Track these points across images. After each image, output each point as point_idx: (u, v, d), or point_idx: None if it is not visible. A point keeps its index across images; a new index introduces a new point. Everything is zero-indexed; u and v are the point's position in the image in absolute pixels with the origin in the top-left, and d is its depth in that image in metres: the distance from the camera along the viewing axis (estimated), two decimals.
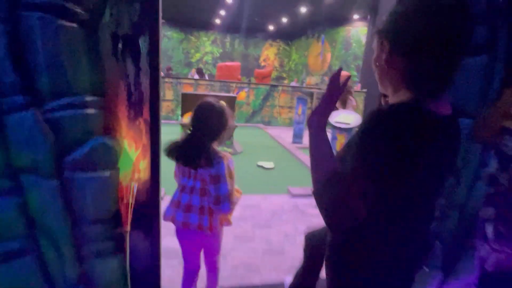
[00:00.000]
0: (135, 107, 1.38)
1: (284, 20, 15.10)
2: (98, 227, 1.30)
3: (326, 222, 0.69)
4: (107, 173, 1.27)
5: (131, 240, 1.56)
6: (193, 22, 16.96)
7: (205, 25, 17.34)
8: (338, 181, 0.67)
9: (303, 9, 12.64)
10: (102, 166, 1.26)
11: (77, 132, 1.17)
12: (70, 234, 1.22)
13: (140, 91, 1.37)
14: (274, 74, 17.45)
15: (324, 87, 8.71)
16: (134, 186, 1.48)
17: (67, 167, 1.17)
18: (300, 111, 6.20)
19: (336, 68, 13.77)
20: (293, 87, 8.96)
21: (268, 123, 8.63)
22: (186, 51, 17.95)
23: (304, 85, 15.31)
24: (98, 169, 1.25)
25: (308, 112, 6.37)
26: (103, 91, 1.30)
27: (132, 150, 1.44)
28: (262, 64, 18.65)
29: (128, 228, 1.52)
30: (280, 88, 8.65)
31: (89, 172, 1.22)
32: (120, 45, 1.30)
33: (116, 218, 1.44)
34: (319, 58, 14.72)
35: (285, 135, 7.52)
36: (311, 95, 8.65)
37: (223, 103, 1.58)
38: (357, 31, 13.12)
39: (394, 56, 0.74)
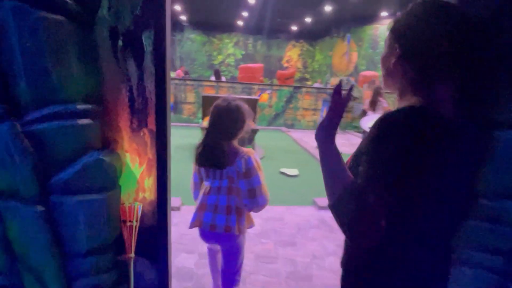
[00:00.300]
0: (138, 116, 1.17)
1: (308, 19, 14.73)
2: (93, 259, 1.10)
3: (346, 236, 0.69)
4: (104, 195, 1.07)
5: (137, 267, 1.36)
6: (215, 24, 17.00)
7: (227, 27, 17.33)
8: (353, 193, 0.66)
9: (327, 8, 12.22)
10: (98, 187, 1.05)
11: (66, 147, 0.97)
12: (58, 269, 1.03)
13: (144, 97, 1.15)
14: (297, 75, 17.08)
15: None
16: (139, 207, 1.27)
17: (54, 189, 0.97)
18: (325, 113, 5.87)
19: (363, 68, 13.20)
20: (317, 88, 8.60)
21: (291, 126, 8.33)
22: (209, 53, 18.03)
23: (329, 86, 14.83)
24: (93, 191, 1.04)
25: None
26: (100, 97, 1.09)
27: (135, 166, 1.23)
28: (285, 65, 18.34)
29: (133, 254, 1.31)
30: (303, 89, 8.32)
31: (81, 194, 1.01)
32: (120, 43, 1.09)
33: (118, 245, 1.24)
34: (345, 58, 14.19)
35: (309, 138, 7.19)
36: None
37: (240, 101, 1.53)
38: (385, 28, 12.50)
39: (404, 62, 0.72)
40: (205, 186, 1.47)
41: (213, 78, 9.04)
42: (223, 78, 12.87)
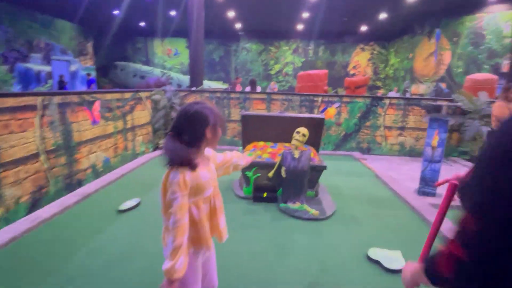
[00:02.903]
0: None
1: (381, 17, 12.24)
2: None
3: None
4: None
5: None
6: (272, 31, 15.60)
7: (285, 33, 15.78)
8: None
9: (408, 0, 9.73)
10: None
11: None
12: None
13: None
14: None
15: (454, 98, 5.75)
16: None
17: None
18: (436, 140, 3.66)
19: (459, 71, 10.14)
20: (410, 99, 6.25)
21: (367, 151, 6.15)
22: (265, 62, 16.66)
23: (408, 95, 12.03)
24: None
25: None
26: None
27: None
28: (352, 72, 15.95)
29: None
30: (386, 101, 6.09)
31: None
32: None
33: None
34: (432, 60, 11.33)
35: (398, 172, 4.92)
36: (438, 109, 5.83)
37: (208, 105, 1.23)
38: (495, 17, 9.43)
39: None
40: None
41: (248, 88, 7.47)
42: (275, 88, 11.16)
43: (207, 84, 15.63)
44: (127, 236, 2.58)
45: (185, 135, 1.15)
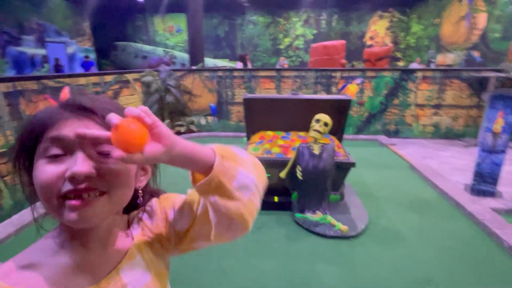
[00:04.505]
0: None
1: None
2: None
3: None
4: None
5: None
6: (281, 0, 14.24)
7: (295, 3, 14.40)
8: None
9: None
10: None
11: None
12: None
13: None
14: None
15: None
16: None
17: None
18: (499, 123, 2.79)
19: (496, 36, 8.87)
20: (446, 70, 5.23)
21: (394, 134, 5.27)
22: (274, 36, 15.43)
23: (433, 66, 10.79)
24: None
25: None
26: None
27: None
28: (368, 43, 14.58)
29: None
30: (419, 74, 5.11)
31: None
32: None
33: None
34: (463, 24, 9.99)
35: (438, 160, 4.08)
36: (482, 82, 4.84)
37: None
38: None
39: None
40: None
41: (239, 65, 6.68)
42: (285, 64, 10.15)
43: (212, 62, 14.65)
44: None
45: None
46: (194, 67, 6.41)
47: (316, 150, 2.50)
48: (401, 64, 14.65)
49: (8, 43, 10.09)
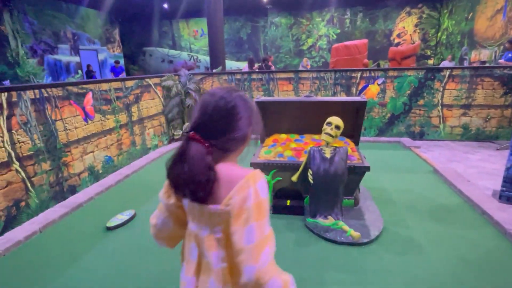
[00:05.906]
0: None
1: None
2: None
3: None
4: None
5: None
6: (303, 1, 14.09)
7: (318, 3, 14.19)
8: None
9: None
10: None
11: None
12: None
13: None
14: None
15: None
16: None
17: None
18: None
19: None
20: (477, 68, 4.90)
21: (419, 136, 5.02)
22: (297, 37, 15.30)
23: (466, 64, 10.17)
24: None
25: None
26: None
27: None
28: (396, 41, 14.03)
29: None
30: (446, 73, 4.84)
31: None
32: None
33: None
34: (499, 18, 9.34)
35: (465, 164, 3.84)
36: None
37: (241, 96, 0.77)
38: None
39: None
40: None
41: (246, 68, 6.62)
42: (308, 65, 10.01)
43: (235, 65, 14.80)
44: (106, 267, 1.99)
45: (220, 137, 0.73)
46: (214, 71, 6.52)
47: (328, 153, 2.44)
48: (431, 62, 13.95)
49: (45, 51, 10.84)
